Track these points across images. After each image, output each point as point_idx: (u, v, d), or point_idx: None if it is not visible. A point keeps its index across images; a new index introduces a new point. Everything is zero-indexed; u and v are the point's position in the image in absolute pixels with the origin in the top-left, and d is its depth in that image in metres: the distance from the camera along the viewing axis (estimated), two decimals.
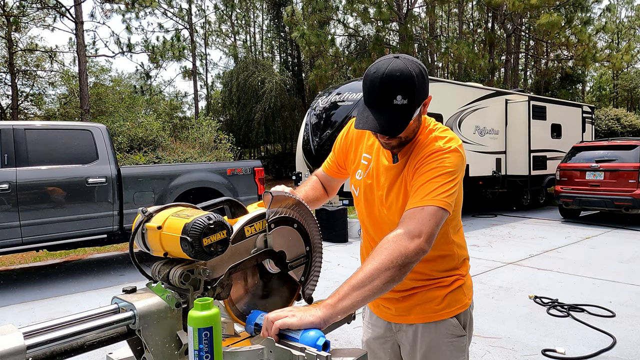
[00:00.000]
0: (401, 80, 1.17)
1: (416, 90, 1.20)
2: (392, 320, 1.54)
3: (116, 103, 19.18)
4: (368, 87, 1.22)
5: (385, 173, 1.41)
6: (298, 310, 1.08)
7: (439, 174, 1.25)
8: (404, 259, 1.14)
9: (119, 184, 5.80)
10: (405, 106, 1.20)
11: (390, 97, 1.18)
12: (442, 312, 1.45)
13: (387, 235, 1.20)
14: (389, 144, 1.32)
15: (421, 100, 1.25)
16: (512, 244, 7.55)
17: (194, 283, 1.02)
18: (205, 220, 0.95)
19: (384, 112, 1.20)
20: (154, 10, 23.28)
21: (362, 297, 1.10)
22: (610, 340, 3.63)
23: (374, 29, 22.39)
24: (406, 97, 1.18)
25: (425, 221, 1.19)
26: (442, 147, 1.30)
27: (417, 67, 1.22)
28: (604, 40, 29.06)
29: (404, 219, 1.22)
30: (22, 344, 0.78)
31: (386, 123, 1.20)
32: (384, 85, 1.18)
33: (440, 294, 1.45)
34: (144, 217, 1.03)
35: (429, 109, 1.37)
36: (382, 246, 1.17)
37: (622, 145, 9.31)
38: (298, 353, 0.97)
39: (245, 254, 1.14)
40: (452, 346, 1.45)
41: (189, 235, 0.94)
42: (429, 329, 1.45)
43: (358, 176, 1.50)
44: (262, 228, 1.18)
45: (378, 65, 1.21)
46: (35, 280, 5.85)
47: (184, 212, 1.02)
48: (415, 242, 1.16)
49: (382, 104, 1.20)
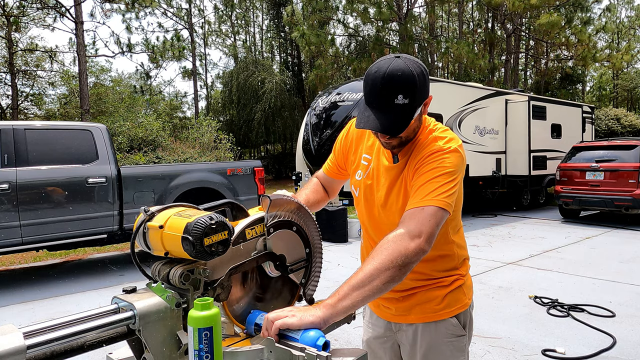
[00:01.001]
0: (402, 80, 1.18)
1: (417, 89, 1.20)
2: (392, 319, 1.54)
3: (116, 103, 19.17)
4: (369, 86, 1.22)
5: (386, 173, 1.41)
6: (298, 310, 1.08)
7: (439, 174, 1.25)
8: (404, 259, 1.14)
9: (119, 184, 5.80)
10: (407, 106, 1.20)
11: (392, 96, 1.18)
12: (442, 312, 1.45)
13: (387, 236, 1.19)
14: (390, 143, 1.32)
15: (422, 99, 1.25)
16: (512, 244, 7.55)
17: (194, 283, 1.02)
18: (207, 220, 0.96)
19: (385, 111, 1.20)
20: (154, 10, 23.31)
21: (362, 297, 1.10)
22: (610, 340, 3.63)
23: (374, 29, 22.40)
24: (407, 96, 1.19)
25: (425, 221, 1.19)
26: (442, 147, 1.29)
27: (419, 67, 1.22)
28: (604, 40, 29.06)
29: (404, 219, 1.22)
30: (22, 344, 0.78)
31: (387, 123, 1.21)
32: (385, 84, 1.18)
33: (440, 293, 1.45)
34: (145, 216, 1.03)
35: (429, 109, 1.38)
36: (382, 246, 1.17)
37: (622, 145, 9.31)
38: (298, 353, 0.97)
39: (245, 256, 1.14)
40: (452, 346, 1.46)
41: (190, 234, 0.94)
42: (428, 329, 1.46)
43: (358, 177, 1.50)
44: (263, 231, 1.18)
45: (379, 65, 1.21)
46: (35, 280, 5.85)
47: (186, 212, 1.02)
48: (415, 242, 1.16)
49: (384, 103, 1.20)
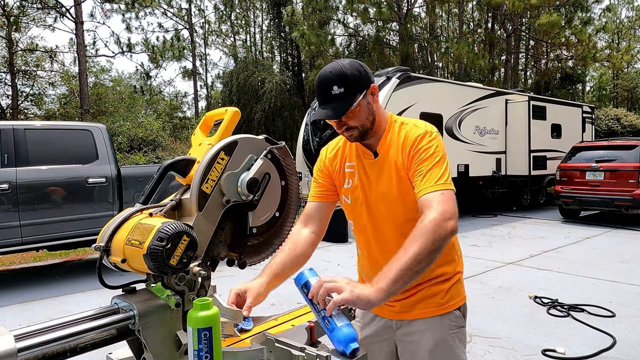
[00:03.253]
0: (334, 74, 1.38)
1: (349, 79, 1.37)
2: (395, 317, 1.54)
3: (116, 103, 19.18)
4: (316, 88, 1.42)
5: (372, 169, 1.50)
6: (354, 285, 1.14)
7: (438, 159, 1.37)
8: (443, 240, 1.24)
9: (119, 184, 5.80)
10: (343, 94, 1.38)
11: (328, 89, 1.38)
12: (446, 305, 1.49)
13: (422, 220, 1.26)
14: (351, 135, 1.45)
15: (359, 88, 1.40)
16: (512, 244, 7.55)
17: (189, 284, 1.02)
18: (158, 246, 0.89)
19: (328, 102, 1.39)
20: (154, 10, 23.30)
21: (409, 279, 1.19)
22: (610, 340, 3.63)
23: (374, 29, 22.38)
24: (341, 86, 1.37)
25: (451, 203, 1.30)
26: (427, 130, 1.43)
27: (351, 63, 1.41)
28: (604, 40, 29.03)
29: (431, 203, 1.29)
30: (13, 347, 0.77)
31: (330, 110, 1.38)
32: (323, 81, 1.39)
33: (444, 287, 1.50)
34: (101, 253, 0.98)
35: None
36: (421, 230, 1.24)
37: (622, 145, 9.31)
38: (298, 353, 0.97)
39: (217, 208, 1.09)
40: (457, 338, 1.50)
41: (155, 268, 0.90)
42: (433, 323, 1.48)
43: (347, 184, 1.56)
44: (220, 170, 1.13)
45: (321, 70, 1.42)
46: (35, 280, 5.85)
47: (134, 234, 0.95)
48: (450, 223, 1.26)
49: (325, 96, 1.39)
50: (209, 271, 1.10)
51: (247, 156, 1.19)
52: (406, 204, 1.42)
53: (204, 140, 1.27)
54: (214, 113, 1.39)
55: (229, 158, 1.16)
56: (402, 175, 1.42)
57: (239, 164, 1.17)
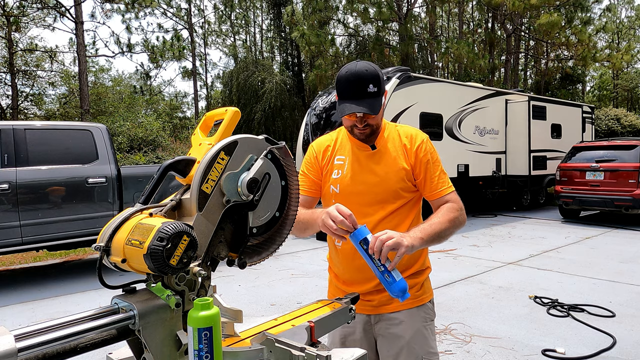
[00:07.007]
0: (371, 74, 1.49)
1: (381, 81, 1.51)
2: (373, 312, 1.62)
3: (116, 103, 19.19)
4: (345, 83, 1.50)
5: (368, 160, 1.62)
6: (403, 235, 1.35)
7: (440, 165, 1.63)
8: (460, 226, 1.57)
9: (119, 184, 5.80)
10: (376, 93, 1.50)
11: (365, 86, 1.48)
12: (421, 298, 1.64)
13: (452, 204, 1.57)
14: (364, 132, 1.56)
15: (383, 90, 1.54)
16: (512, 244, 7.55)
17: (189, 284, 1.02)
18: (158, 247, 0.89)
19: (362, 99, 1.48)
20: (154, 10, 23.29)
21: (433, 241, 1.47)
22: (610, 340, 3.63)
23: (374, 29, 22.39)
24: (376, 86, 1.49)
25: (460, 202, 1.61)
26: (423, 135, 1.65)
27: (376, 66, 1.53)
28: (604, 40, 29.05)
29: (451, 200, 1.59)
30: (13, 347, 0.77)
31: (366, 105, 1.48)
32: (359, 78, 1.48)
33: (419, 281, 1.65)
34: (101, 253, 0.98)
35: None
36: (449, 209, 1.55)
37: (622, 145, 9.31)
38: (298, 353, 0.97)
39: (217, 208, 1.08)
40: (429, 329, 1.62)
41: (155, 268, 0.90)
42: (410, 314, 1.59)
43: (336, 175, 1.64)
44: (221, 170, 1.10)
45: (348, 67, 1.51)
46: (35, 280, 5.85)
47: (135, 234, 0.95)
48: (464, 215, 1.60)
49: (360, 93, 1.48)
50: (209, 271, 1.09)
51: (247, 156, 1.19)
52: (397, 190, 1.59)
53: (204, 140, 1.27)
54: (214, 113, 1.39)
55: (229, 158, 1.15)
56: (400, 165, 1.59)
57: (239, 164, 1.17)
